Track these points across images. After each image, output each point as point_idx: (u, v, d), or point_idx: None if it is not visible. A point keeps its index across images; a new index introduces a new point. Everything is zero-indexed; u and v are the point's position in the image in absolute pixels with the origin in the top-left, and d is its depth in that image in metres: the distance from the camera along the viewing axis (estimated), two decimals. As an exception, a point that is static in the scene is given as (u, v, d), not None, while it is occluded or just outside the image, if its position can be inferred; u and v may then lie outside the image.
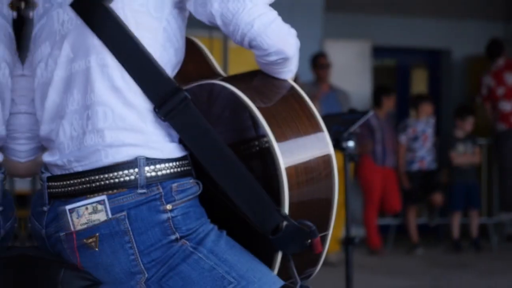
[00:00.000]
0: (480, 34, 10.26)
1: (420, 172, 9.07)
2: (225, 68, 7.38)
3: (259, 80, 2.18)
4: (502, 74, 9.32)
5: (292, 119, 2.10)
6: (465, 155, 9.10)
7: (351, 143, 3.90)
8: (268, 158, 2.06)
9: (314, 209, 2.12)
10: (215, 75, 2.35)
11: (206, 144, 2.08)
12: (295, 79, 2.31)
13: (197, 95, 2.14)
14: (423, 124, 9.11)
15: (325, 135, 2.13)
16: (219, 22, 2.08)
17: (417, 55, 10.74)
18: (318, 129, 2.13)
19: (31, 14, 2.23)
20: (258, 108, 2.06)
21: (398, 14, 10.17)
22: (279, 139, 2.05)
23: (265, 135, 2.06)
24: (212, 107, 2.18)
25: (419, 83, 10.90)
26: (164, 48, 2.11)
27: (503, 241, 9.45)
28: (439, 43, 10.42)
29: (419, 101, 9.19)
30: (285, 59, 2.12)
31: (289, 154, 2.06)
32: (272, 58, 2.11)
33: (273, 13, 2.09)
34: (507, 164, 9.32)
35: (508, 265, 8.31)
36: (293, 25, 2.17)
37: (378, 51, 10.02)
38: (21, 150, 2.30)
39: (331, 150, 2.14)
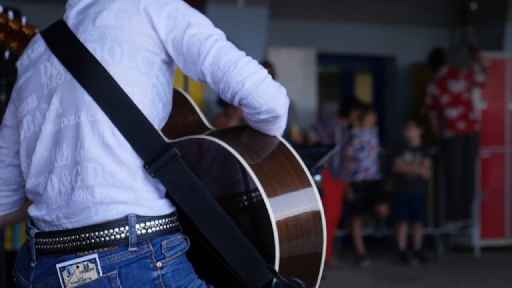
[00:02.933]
0: (425, 42, 10.22)
1: (365, 183, 8.96)
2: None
3: (248, 135, 2.20)
4: (446, 82, 9.29)
5: (282, 176, 2.12)
6: (411, 164, 9.02)
7: (318, 177, 3.90)
8: (258, 213, 2.08)
9: (303, 265, 2.14)
10: (202, 128, 2.36)
11: (196, 201, 2.09)
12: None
13: (186, 148, 2.15)
14: (368, 134, 9.01)
15: (314, 190, 2.16)
16: (209, 79, 2.11)
17: (361, 61, 10.66)
18: (307, 185, 2.16)
19: (6, 54, 2.30)
20: (250, 165, 2.08)
21: (343, 21, 10.08)
22: (270, 196, 2.08)
23: (254, 190, 2.08)
24: (201, 160, 2.18)
25: (364, 90, 10.81)
26: (153, 104, 2.13)
27: (449, 252, 9.39)
28: (384, 50, 10.35)
29: (364, 111, 9.08)
30: (276, 117, 2.14)
31: (280, 210, 2.08)
32: (263, 116, 2.13)
33: (264, 72, 2.10)
34: (453, 173, 9.28)
35: (455, 277, 8.24)
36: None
37: (322, 58, 9.92)
38: (5, 203, 2.34)
39: (320, 205, 2.18)
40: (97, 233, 2.06)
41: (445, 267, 8.78)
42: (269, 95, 2.09)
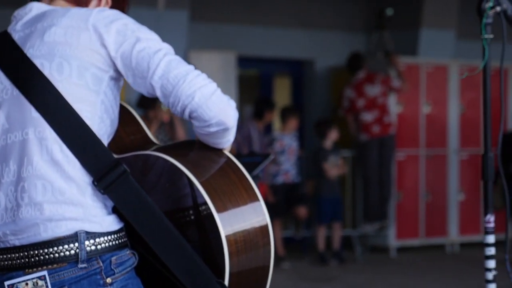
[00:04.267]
0: (342, 46, 10.39)
1: (284, 185, 9.07)
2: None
3: (196, 151, 2.22)
4: (362, 86, 9.47)
5: (231, 191, 2.16)
6: (334, 167, 9.18)
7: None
8: (207, 227, 2.11)
9: (251, 279, 2.19)
10: (148, 143, 2.36)
11: (146, 217, 2.10)
12: None
13: (132, 164, 2.16)
14: (289, 138, 9.12)
15: (262, 204, 2.21)
16: (159, 93, 2.12)
17: (280, 65, 10.77)
18: (255, 199, 2.21)
19: None
20: (199, 181, 2.10)
21: (262, 25, 10.16)
22: (220, 211, 2.11)
23: (202, 204, 2.11)
24: (147, 176, 2.20)
25: (282, 93, 10.92)
26: (101, 120, 2.14)
27: (367, 252, 9.57)
28: (302, 53, 10.48)
29: (286, 115, 9.18)
30: (225, 130, 2.16)
31: (229, 225, 2.12)
32: (213, 129, 2.15)
33: (213, 85, 2.12)
34: (370, 175, 9.47)
35: (372, 277, 8.42)
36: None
37: (242, 61, 9.98)
38: None
39: (267, 219, 2.20)
40: (46, 250, 2.06)
41: (363, 267, 8.96)
42: (219, 108, 2.12)
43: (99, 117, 2.13)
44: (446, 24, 10.33)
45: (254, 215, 2.19)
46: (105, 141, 2.17)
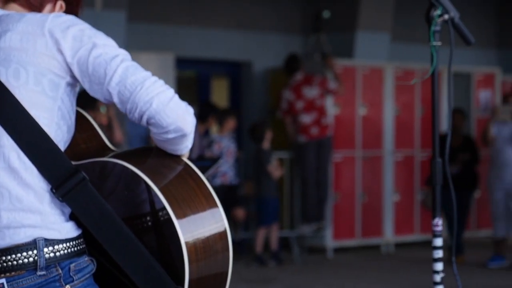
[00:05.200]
0: (280, 48, 10.45)
1: (222, 187, 9.07)
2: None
3: (154, 157, 2.21)
4: (300, 88, 9.54)
5: (190, 198, 2.16)
6: (277, 168, 9.22)
7: None
8: (166, 233, 2.12)
9: (210, 285, 2.19)
10: (105, 149, 2.35)
11: (105, 224, 2.10)
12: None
13: (89, 171, 2.15)
14: (227, 140, 9.13)
15: (220, 210, 2.22)
16: (116, 99, 2.11)
17: (218, 66, 10.78)
18: (214, 206, 2.21)
19: None
20: (158, 187, 2.10)
21: (199, 26, 10.16)
22: (179, 217, 2.12)
23: (161, 209, 2.11)
24: (105, 182, 2.20)
25: (220, 94, 10.94)
26: (58, 127, 2.13)
27: (304, 253, 9.65)
28: (240, 55, 10.51)
29: (223, 116, 9.19)
30: (183, 136, 2.16)
31: (189, 232, 2.12)
32: (171, 135, 2.14)
33: (171, 91, 2.11)
34: (308, 176, 9.54)
35: (310, 278, 8.49)
36: None
37: (180, 63, 9.95)
38: None
39: (226, 225, 2.22)
40: (4, 258, 2.04)
41: (301, 268, 9.03)
42: (177, 114, 2.12)
43: (56, 124, 2.12)
44: (381, 27, 10.47)
45: (213, 221, 2.20)
46: (62, 147, 2.15)
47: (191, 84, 10.79)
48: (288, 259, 9.34)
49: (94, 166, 2.20)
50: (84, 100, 8.82)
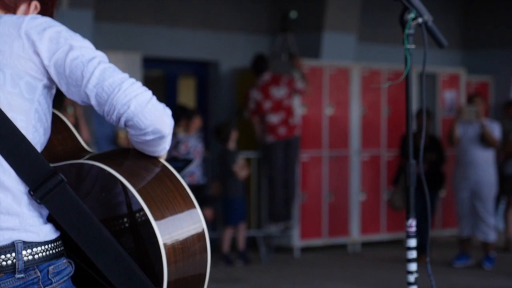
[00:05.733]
0: (247, 48, 10.46)
1: (190, 187, 9.01)
2: None
3: (131, 159, 2.21)
4: (268, 88, 9.56)
5: (168, 199, 2.17)
6: (243, 168, 9.23)
7: None
8: (144, 235, 2.12)
9: (189, 286, 2.20)
10: (82, 151, 2.35)
11: (83, 227, 2.10)
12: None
13: (66, 173, 2.15)
14: (194, 139, 9.13)
15: (198, 211, 2.24)
16: (93, 102, 2.11)
17: (185, 66, 10.77)
18: (191, 207, 2.23)
19: None
20: (137, 190, 2.10)
21: (167, 25, 10.14)
22: (158, 219, 2.12)
23: (138, 211, 2.12)
24: (81, 184, 2.20)
25: (187, 94, 10.92)
26: (35, 129, 2.13)
27: (271, 253, 9.67)
28: (207, 54, 10.50)
29: (189, 116, 9.18)
30: (161, 138, 2.16)
31: (167, 233, 2.13)
32: (149, 137, 2.14)
33: (149, 93, 2.12)
34: (275, 176, 9.57)
35: (277, 277, 8.51)
36: None
37: (147, 62, 9.93)
38: None
39: (204, 225, 2.23)
40: None
41: (268, 267, 9.05)
42: (155, 116, 2.12)
43: (33, 126, 2.12)
44: (347, 27, 10.52)
45: (191, 222, 2.21)
46: (39, 150, 2.15)
47: (158, 84, 10.77)
48: (255, 259, 9.36)
49: (71, 168, 2.20)
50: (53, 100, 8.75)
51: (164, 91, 10.70)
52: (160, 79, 10.82)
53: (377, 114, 10.48)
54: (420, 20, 2.74)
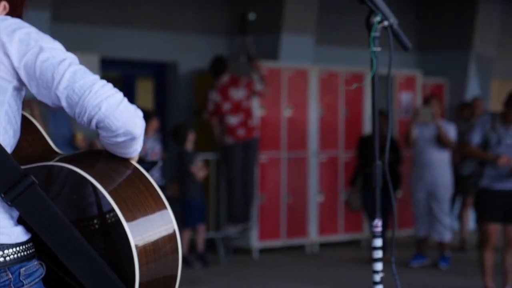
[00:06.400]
0: (205, 49, 10.47)
1: (148, 188, 9.02)
2: None
3: (102, 161, 2.21)
4: (227, 90, 9.57)
5: (140, 201, 2.18)
6: (201, 169, 9.22)
7: None
8: (115, 236, 2.12)
9: (160, 287, 2.20)
10: (51, 152, 2.33)
11: (54, 228, 2.09)
12: None
13: (37, 175, 2.14)
14: (151, 141, 9.10)
15: (169, 212, 2.23)
16: (64, 104, 2.10)
17: (143, 67, 10.73)
18: (163, 208, 2.22)
19: None
20: (109, 192, 2.10)
21: (124, 26, 10.10)
22: (129, 220, 2.13)
23: (109, 212, 2.12)
24: (51, 186, 2.19)
25: (145, 96, 10.89)
26: (5, 131, 2.11)
27: (230, 254, 9.68)
28: (165, 56, 10.49)
29: (145, 117, 9.15)
30: (132, 139, 2.16)
31: (139, 235, 2.14)
32: (120, 139, 2.14)
33: (120, 95, 2.14)
34: (234, 177, 9.58)
35: (236, 279, 8.53)
36: None
37: (105, 63, 9.88)
38: None
39: (175, 226, 2.23)
40: None
41: (227, 269, 9.06)
42: (126, 117, 2.14)
43: (3, 128, 2.11)
44: (305, 29, 10.58)
45: (162, 223, 2.21)
46: (9, 151, 2.14)
47: (116, 85, 10.60)
48: (214, 260, 9.36)
49: (42, 170, 2.19)
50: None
51: (121, 92, 10.65)
52: (118, 81, 10.77)
53: (335, 116, 10.55)
54: (386, 23, 2.78)
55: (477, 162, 7.48)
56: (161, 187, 8.34)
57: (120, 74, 10.78)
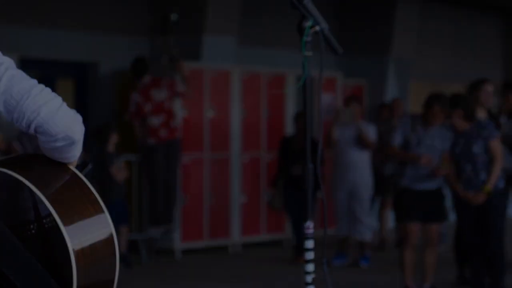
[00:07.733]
0: (127, 50, 10.39)
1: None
2: None
3: (41, 165, 2.20)
4: (149, 91, 9.54)
5: (78, 205, 2.17)
6: (121, 170, 9.16)
7: None
8: (53, 241, 2.10)
9: None
10: None
11: None
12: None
13: None
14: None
15: (107, 216, 2.25)
16: (2, 109, 2.08)
17: (63, 67, 10.60)
18: (100, 212, 2.23)
19: None
20: (46, 196, 2.09)
21: (44, 26, 9.96)
22: (67, 224, 2.11)
23: (46, 216, 2.09)
24: None
25: (65, 96, 10.72)
26: None
27: (153, 255, 9.64)
28: (86, 56, 10.38)
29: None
30: (71, 144, 2.16)
31: (77, 239, 2.13)
32: (59, 143, 2.14)
33: (58, 100, 2.12)
34: (156, 179, 9.55)
35: (159, 280, 8.52)
36: None
37: (24, 63, 9.72)
38: None
39: (112, 230, 2.24)
40: None
41: (150, 271, 9.03)
42: (65, 122, 2.14)
43: None
44: (228, 30, 10.61)
45: (100, 226, 2.23)
46: None
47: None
48: (137, 262, 9.31)
49: None
50: None
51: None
52: (38, 81, 10.61)
53: (257, 117, 10.61)
54: (317, 28, 2.83)
55: (398, 163, 7.64)
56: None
57: (40, 74, 10.62)
